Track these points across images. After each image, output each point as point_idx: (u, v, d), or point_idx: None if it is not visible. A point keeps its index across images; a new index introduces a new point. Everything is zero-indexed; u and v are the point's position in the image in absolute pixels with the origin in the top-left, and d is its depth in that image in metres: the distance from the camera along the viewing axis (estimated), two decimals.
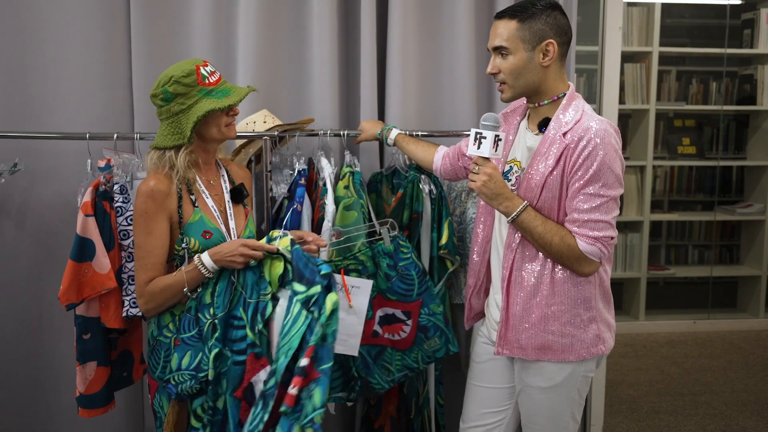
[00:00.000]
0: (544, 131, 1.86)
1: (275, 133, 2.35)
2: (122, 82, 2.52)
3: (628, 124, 4.74)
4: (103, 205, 2.13)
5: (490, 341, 2.02)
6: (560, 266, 1.84)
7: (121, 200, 2.15)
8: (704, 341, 4.47)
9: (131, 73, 2.51)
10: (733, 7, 4.74)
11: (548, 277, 1.85)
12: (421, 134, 2.45)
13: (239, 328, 1.85)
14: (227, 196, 2.02)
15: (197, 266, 1.88)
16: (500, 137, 1.79)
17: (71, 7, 2.45)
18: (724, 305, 4.89)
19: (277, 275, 1.84)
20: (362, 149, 2.61)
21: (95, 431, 2.57)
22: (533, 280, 1.86)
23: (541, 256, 1.85)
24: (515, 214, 1.81)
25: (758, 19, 4.61)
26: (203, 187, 1.96)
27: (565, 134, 1.79)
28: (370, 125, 2.48)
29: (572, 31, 1.89)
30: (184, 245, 1.90)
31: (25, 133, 2.39)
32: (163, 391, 1.94)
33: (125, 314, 2.13)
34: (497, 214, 1.97)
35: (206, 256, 1.88)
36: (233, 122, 1.97)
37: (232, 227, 1.98)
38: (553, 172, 1.80)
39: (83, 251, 2.08)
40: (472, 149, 1.81)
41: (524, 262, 1.88)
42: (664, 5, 4.52)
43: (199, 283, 1.90)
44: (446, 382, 2.58)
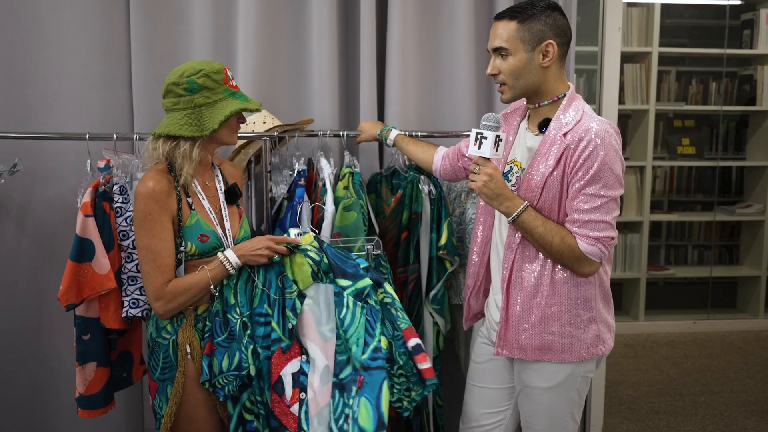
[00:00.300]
0: (544, 132, 1.86)
1: (275, 133, 2.35)
2: (122, 82, 2.52)
3: (627, 124, 4.74)
4: (102, 205, 2.12)
5: (489, 342, 2.02)
6: (560, 267, 1.84)
7: (120, 201, 2.15)
8: (704, 342, 4.47)
9: (131, 73, 2.51)
10: (732, 7, 4.74)
11: (548, 277, 1.85)
12: (420, 135, 2.45)
13: (264, 324, 1.93)
14: (222, 197, 2.01)
15: (222, 263, 1.90)
16: (501, 138, 1.79)
17: (71, 7, 2.45)
18: (723, 306, 4.89)
19: (306, 273, 1.93)
20: (362, 150, 2.61)
21: None
22: (533, 280, 1.86)
23: (541, 256, 1.85)
24: (516, 214, 1.81)
25: (758, 19, 4.61)
26: (199, 188, 1.96)
27: (565, 135, 1.79)
28: (369, 126, 2.49)
29: (572, 31, 1.89)
30: (182, 249, 1.90)
31: (24, 133, 2.39)
32: (163, 392, 1.94)
33: (125, 315, 2.12)
34: (497, 214, 1.97)
35: (231, 253, 1.91)
36: (238, 129, 1.99)
37: (227, 228, 1.98)
38: (553, 172, 1.79)
39: (83, 252, 2.08)
40: (472, 149, 1.81)
41: (524, 262, 1.88)
42: (663, 6, 4.53)
43: (222, 280, 1.93)
44: (445, 382, 2.57)
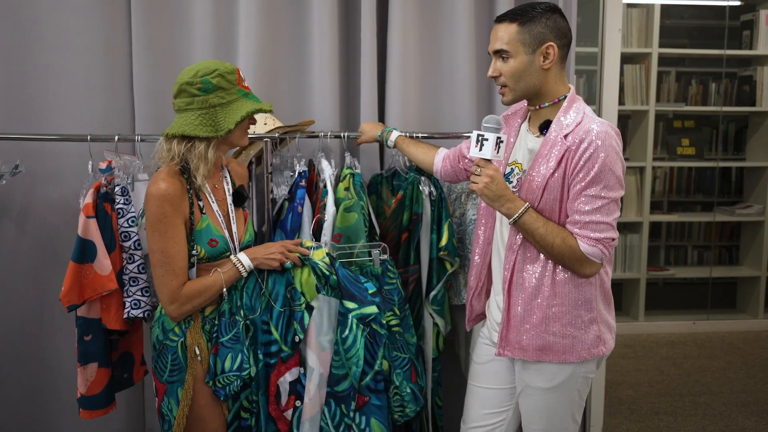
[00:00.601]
0: (545, 133, 1.86)
1: (276, 134, 2.36)
2: (123, 83, 2.53)
3: (627, 125, 4.74)
4: (104, 206, 2.13)
5: (490, 342, 2.03)
6: (561, 268, 1.84)
7: (122, 202, 2.16)
8: (704, 342, 4.47)
9: (132, 74, 2.52)
10: (732, 8, 4.74)
11: (549, 278, 1.85)
12: (421, 136, 2.46)
13: (267, 332, 1.96)
14: (230, 199, 2.01)
15: (236, 266, 1.92)
16: (502, 139, 1.80)
17: (72, 9, 2.45)
18: (723, 306, 4.89)
19: (312, 285, 1.96)
20: (362, 151, 2.62)
21: None
22: (534, 281, 1.86)
23: (542, 257, 1.85)
24: (517, 215, 1.82)
25: (757, 20, 4.62)
26: (209, 191, 1.96)
27: (566, 136, 1.79)
28: (370, 127, 2.49)
29: (572, 33, 1.90)
30: (194, 252, 1.90)
31: (26, 135, 2.39)
32: (171, 394, 1.93)
33: (126, 316, 2.13)
34: (498, 215, 1.97)
35: (244, 256, 1.93)
36: (248, 131, 1.99)
37: (234, 232, 1.98)
38: (554, 174, 1.80)
39: (85, 253, 2.09)
40: (473, 151, 1.81)
41: (525, 263, 1.88)
42: (663, 6, 4.53)
43: (233, 283, 1.95)
44: (445, 383, 2.58)
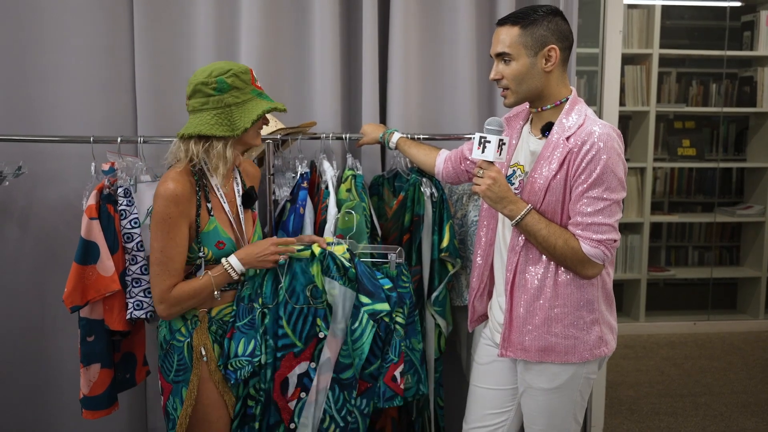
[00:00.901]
0: (547, 135, 1.87)
1: (278, 136, 2.36)
2: (126, 85, 2.53)
3: (628, 125, 4.75)
4: (107, 208, 2.13)
5: (493, 343, 2.03)
6: (563, 269, 1.85)
7: (125, 203, 2.16)
8: (704, 342, 4.48)
9: (134, 76, 2.52)
10: (732, 9, 4.74)
11: (551, 279, 1.85)
12: (422, 137, 2.46)
13: (281, 327, 2.01)
14: (239, 200, 2.02)
15: (226, 270, 1.91)
16: (504, 141, 1.81)
17: (74, 10, 2.46)
18: (724, 306, 4.90)
19: (317, 271, 2.00)
20: (364, 152, 2.62)
21: None
22: (536, 282, 1.87)
23: (544, 258, 1.86)
24: (519, 217, 1.82)
25: (758, 21, 4.62)
26: (221, 192, 1.96)
27: (568, 138, 1.80)
28: (371, 128, 2.49)
29: (573, 35, 1.90)
30: (201, 254, 1.90)
31: (29, 136, 2.40)
32: (177, 393, 1.95)
33: (129, 316, 2.13)
34: (500, 217, 1.97)
35: (234, 259, 1.92)
36: (261, 131, 2.00)
37: (243, 233, 1.98)
38: (556, 175, 1.80)
39: (87, 254, 2.09)
40: (476, 153, 1.82)
41: (528, 264, 1.88)
42: (664, 7, 4.53)
43: (224, 285, 1.94)
44: (446, 384, 2.58)
